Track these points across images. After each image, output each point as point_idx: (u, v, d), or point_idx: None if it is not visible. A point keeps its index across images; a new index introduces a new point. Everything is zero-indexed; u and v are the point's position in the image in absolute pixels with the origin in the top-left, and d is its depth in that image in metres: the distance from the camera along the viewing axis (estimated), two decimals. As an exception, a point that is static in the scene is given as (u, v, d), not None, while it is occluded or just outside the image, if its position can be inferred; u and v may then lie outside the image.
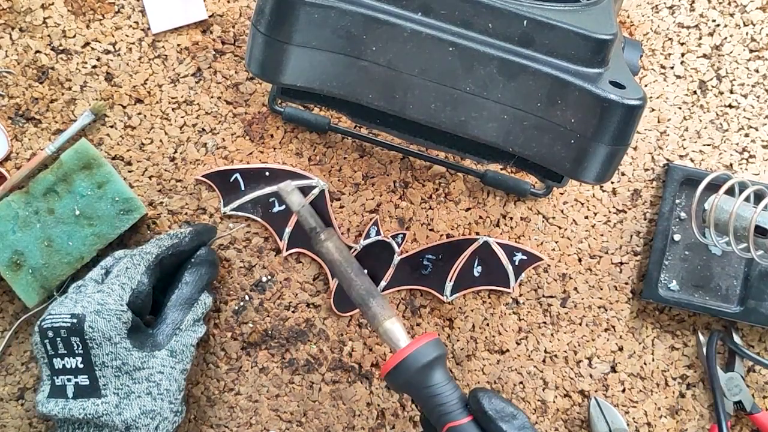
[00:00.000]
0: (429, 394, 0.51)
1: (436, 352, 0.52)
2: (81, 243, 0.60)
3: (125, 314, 0.52)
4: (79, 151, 0.61)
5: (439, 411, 0.50)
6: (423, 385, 0.51)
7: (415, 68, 0.46)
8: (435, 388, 0.51)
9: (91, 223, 0.60)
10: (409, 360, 0.51)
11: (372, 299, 0.56)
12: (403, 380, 0.52)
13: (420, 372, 0.51)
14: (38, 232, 0.60)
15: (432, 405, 0.51)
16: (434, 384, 0.51)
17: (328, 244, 0.59)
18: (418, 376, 0.51)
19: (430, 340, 0.52)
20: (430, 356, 0.51)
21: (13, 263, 0.59)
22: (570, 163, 0.47)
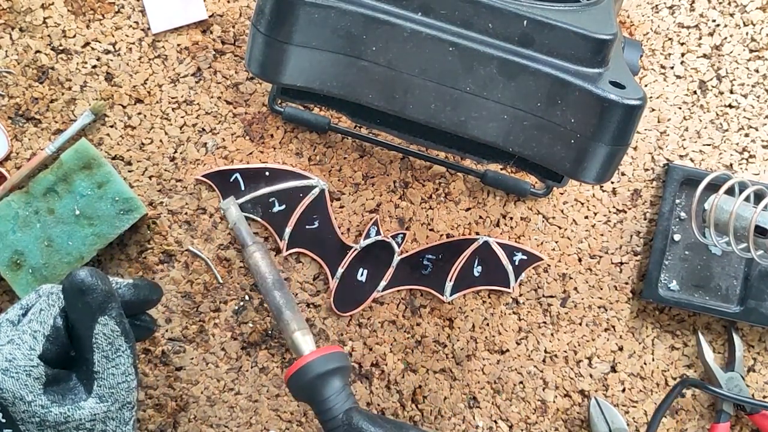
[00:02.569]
0: (321, 406, 0.52)
1: (334, 364, 0.53)
2: (81, 243, 0.60)
3: (36, 369, 0.45)
4: (79, 151, 0.61)
5: (327, 424, 0.52)
6: (317, 395, 0.53)
7: (415, 68, 0.46)
8: (327, 401, 0.52)
9: (91, 222, 0.60)
10: (307, 367, 0.53)
11: (286, 311, 0.58)
12: (299, 387, 0.54)
13: (315, 381, 0.53)
14: (38, 232, 0.60)
15: (323, 416, 0.52)
16: (327, 396, 0.52)
17: (256, 256, 0.60)
18: (313, 386, 0.53)
19: (332, 352, 0.54)
20: (328, 366, 0.53)
21: (13, 263, 0.59)
22: (570, 163, 0.47)
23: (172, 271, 0.64)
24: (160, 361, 0.64)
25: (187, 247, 0.64)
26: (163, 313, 0.64)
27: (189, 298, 0.64)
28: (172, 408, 0.64)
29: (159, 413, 0.64)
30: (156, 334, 0.64)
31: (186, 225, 0.64)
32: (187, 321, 0.64)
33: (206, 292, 0.64)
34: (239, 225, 0.61)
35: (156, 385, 0.64)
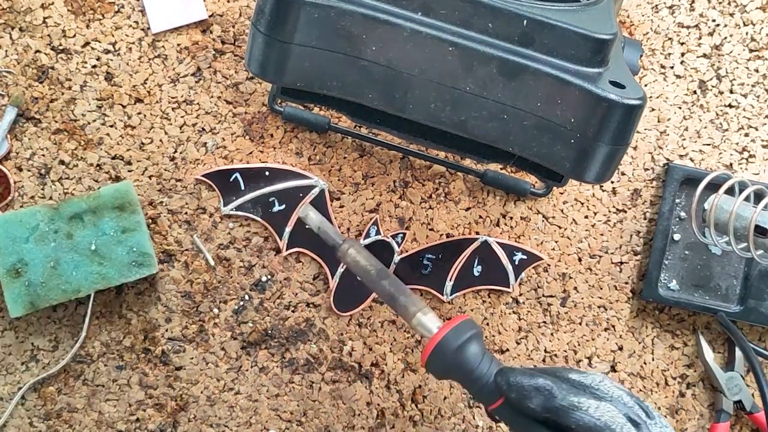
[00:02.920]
0: (468, 377, 0.50)
1: (466, 333, 0.50)
2: (84, 277, 0.60)
3: None
4: (119, 191, 0.61)
5: (479, 393, 0.49)
6: (461, 368, 0.50)
7: (415, 68, 0.46)
8: (471, 371, 0.49)
9: (101, 262, 0.60)
10: (440, 346, 0.50)
11: (400, 296, 0.55)
12: (440, 367, 0.51)
13: (453, 356, 0.50)
14: (49, 251, 0.60)
15: (473, 388, 0.50)
16: (469, 365, 0.49)
17: (351, 252, 0.58)
18: (455, 360, 0.50)
19: (458, 323, 0.51)
20: (460, 339, 0.50)
21: (14, 269, 0.59)
22: (570, 162, 0.47)
23: (172, 271, 0.64)
24: (160, 361, 0.64)
25: (193, 236, 0.64)
26: (163, 313, 0.64)
27: (189, 298, 0.64)
28: (172, 408, 0.64)
29: (159, 413, 0.64)
30: (156, 333, 0.64)
31: (186, 225, 0.64)
32: (187, 321, 0.64)
33: (206, 292, 0.64)
34: (324, 228, 0.59)
35: (156, 385, 0.64)
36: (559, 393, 0.44)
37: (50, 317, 0.63)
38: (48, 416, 0.63)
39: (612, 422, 0.43)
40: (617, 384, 0.47)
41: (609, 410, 0.44)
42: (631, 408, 0.45)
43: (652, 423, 0.45)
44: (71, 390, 0.64)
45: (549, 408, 0.44)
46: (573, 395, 0.44)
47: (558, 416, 0.44)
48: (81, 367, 0.64)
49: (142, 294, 0.64)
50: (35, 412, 0.63)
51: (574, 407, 0.44)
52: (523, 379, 0.46)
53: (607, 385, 0.46)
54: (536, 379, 0.45)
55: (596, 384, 0.46)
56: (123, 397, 0.64)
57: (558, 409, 0.44)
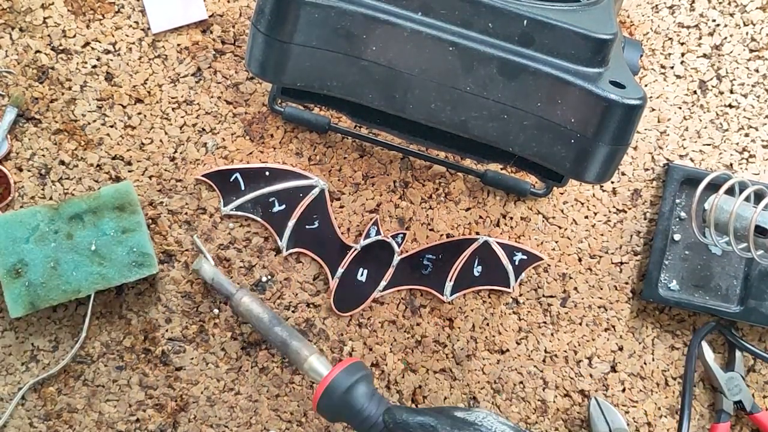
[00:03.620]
0: (357, 418, 0.52)
1: (355, 375, 0.53)
2: (84, 277, 0.60)
3: None
4: (119, 191, 0.61)
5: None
6: (350, 409, 0.53)
7: (415, 68, 0.46)
8: (360, 411, 0.52)
9: (101, 262, 0.60)
10: (329, 389, 0.53)
11: (293, 341, 0.58)
12: (330, 409, 0.54)
13: (342, 397, 0.53)
14: (49, 251, 0.60)
15: (362, 428, 0.52)
16: (357, 406, 0.52)
17: (245, 301, 0.60)
18: (344, 402, 0.53)
19: (347, 365, 0.54)
20: (349, 380, 0.53)
21: (14, 270, 0.59)
22: (570, 162, 0.47)
23: (172, 271, 0.64)
24: (160, 361, 0.64)
25: (193, 237, 0.64)
26: (163, 314, 0.64)
27: (189, 298, 0.64)
28: (172, 408, 0.64)
29: (159, 413, 0.64)
30: (156, 334, 0.64)
31: (186, 225, 0.64)
32: (187, 321, 0.64)
33: (206, 292, 0.64)
34: (217, 278, 0.61)
35: (156, 385, 0.64)
36: (442, 429, 0.47)
37: (50, 317, 0.63)
38: (48, 416, 0.63)
39: None
40: (503, 419, 0.49)
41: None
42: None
43: None
44: (71, 390, 0.64)
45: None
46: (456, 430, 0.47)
47: None
48: (81, 368, 0.64)
49: (142, 294, 0.64)
50: (35, 412, 0.63)
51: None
52: (408, 417, 0.48)
53: (491, 421, 0.48)
54: (421, 417, 0.48)
55: (479, 420, 0.48)
56: (123, 398, 0.64)
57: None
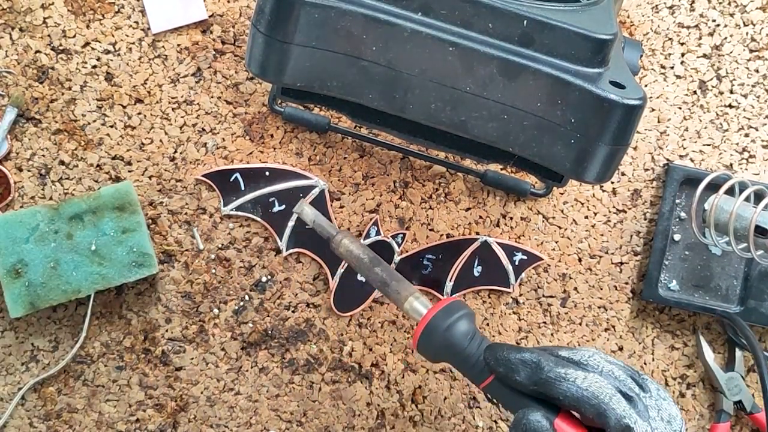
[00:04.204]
0: (458, 357, 0.50)
1: (455, 314, 0.51)
2: (84, 277, 0.60)
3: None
4: (119, 191, 0.61)
5: (470, 372, 0.49)
6: (450, 348, 0.50)
7: (415, 68, 0.46)
8: (461, 350, 0.49)
9: (101, 262, 0.60)
10: (429, 327, 0.50)
11: (392, 282, 0.56)
12: (431, 348, 0.51)
13: (443, 336, 0.50)
14: (49, 252, 0.60)
15: (464, 367, 0.50)
16: (458, 345, 0.50)
17: (345, 242, 0.58)
18: (443, 341, 0.50)
19: (447, 304, 0.51)
20: (449, 319, 0.50)
21: (14, 270, 0.59)
22: (570, 163, 0.47)
23: (172, 271, 0.64)
24: (160, 361, 0.64)
25: (192, 229, 0.64)
26: (163, 314, 0.64)
27: (189, 298, 0.64)
28: (172, 408, 0.64)
29: (159, 413, 0.64)
30: (156, 334, 0.64)
31: (186, 225, 0.64)
32: (187, 321, 0.64)
33: (206, 292, 0.64)
34: (318, 221, 0.59)
35: (156, 385, 0.64)
36: (546, 365, 0.44)
37: (50, 317, 0.63)
38: (48, 417, 0.63)
39: (600, 392, 0.43)
40: (611, 358, 0.46)
41: (597, 381, 0.43)
42: (623, 381, 0.44)
43: (646, 396, 0.44)
44: (71, 390, 0.64)
45: (536, 380, 0.44)
46: (560, 367, 0.44)
47: (545, 388, 0.44)
48: (81, 368, 0.64)
49: (142, 294, 0.64)
50: (35, 412, 0.63)
51: (561, 378, 0.44)
52: (510, 354, 0.46)
53: (597, 359, 0.46)
54: (523, 353, 0.45)
55: (586, 359, 0.46)
56: (123, 398, 0.64)
57: (545, 381, 0.44)
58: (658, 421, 0.44)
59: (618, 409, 0.42)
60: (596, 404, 0.42)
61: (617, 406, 0.42)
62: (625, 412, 0.42)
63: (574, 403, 0.43)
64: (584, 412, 0.43)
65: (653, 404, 0.44)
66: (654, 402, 0.44)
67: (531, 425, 0.44)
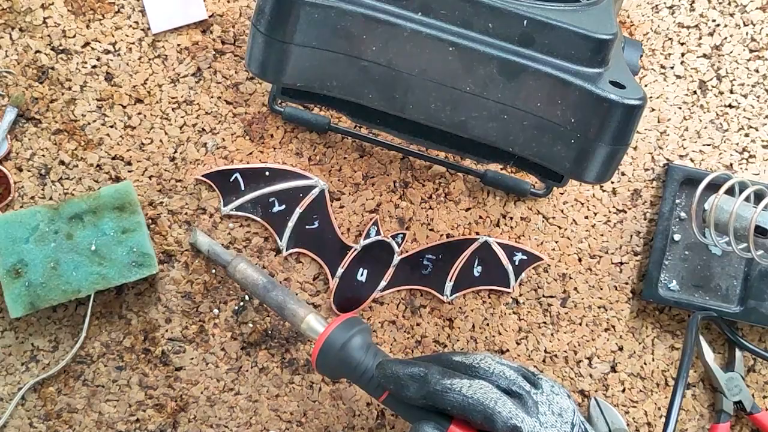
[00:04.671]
0: (354, 373, 0.51)
1: (351, 330, 0.52)
2: (84, 277, 0.60)
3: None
4: (119, 191, 0.61)
5: (367, 388, 0.51)
6: (347, 364, 0.51)
7: (415, 68, 0.46)
8: (357, 365, 0.51)
9: (101, 262, 0.60)
10: (326, 345, 0.52)
11: (289, 304, 0.58)
12: (329, 366, 0.52)
13: (339, 353, 0.51)
14: (49, 252, 0.60)
15: (360, 383, 0.51)
16: (354, 361, 0.51)
17: (241, 267, 0.60)
18: (339, 358, 0.51)
19: (342, 321, 0.53)
20: (345, 335, 0.52)
21: (14, 270, 0.59)
22: (570, 163, 0.47)
23: (172, 271, 0.64)
24: (160, 361, 0.64)
25: (193, 225, 0.64)
26: (163, 314, 0.64)
27: (189, 298, 0.64)
28: (172, 408, 0.64)
29: (159, 413, 0.64)
30: (156, 334, 0.64)
31: (186, 225, 0.64)
32: (187, 321, 0.64)
33: (206, 292, 0.64)
34: (213, 248, 0.61)
35: (156, 385, 0.64)
36: (433, 378, 0.46)
37: (50, 317, 0.63)
38: (48, 417, 0.63)
39: (485, 398, 0.44)
40: (503, 360, 0.47)
41: (482, 387, 0.45)
42: (513, 381, 0.46)
43: (537, 392, 0.46)
44: (71, 390, 0.64)
45: (424, 394, 0.46)
46: (446, 378, 0.45)
47: (434, 400, 0.45)
48: (81, 368, 0.64)
49: (142, 294, 0.64)
50: (35, 412, 0.63)
51: (447, 390, 0.45)
52: (398, 369, 0.47)
53: (489, 362, 0.47)
54: (411, 368, 0.47)
55: (477, 362, 0.47)
56: (123, 398, 0.64)
57: (432, 394, 0.45)
58: (549, 416, 0.45)
59: (504, 411, 0.44)
60: (482, 410, 0.44)
61: (503, 408, 0.44)
62: (511, 413, 0.44)
63: (462, 412, 0.44)
64: (473, 419, 0.44)
65: (544, 399, 0.46)
66: (545, 398, 0.46)
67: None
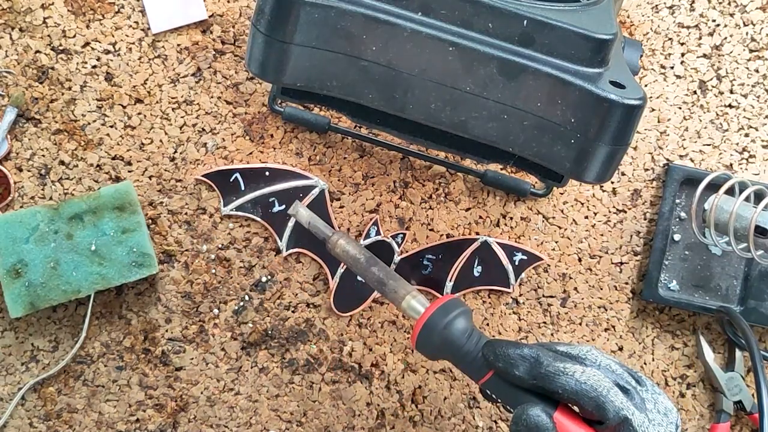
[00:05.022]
0: (457, 354, 0.50)
1: (453, 311, 0.51)
2: (84, 277, 0.60)
3: None
4: (119, 191, 0.61)
5: (469, 369, 0.50)
6: (449, 345, 0.50)
7: (415, 68, 0.46)
8: (459, 347, 0.50)
9: (101, 262, 0.60)
10: (427, 326, 0.51)
11: (389, 281, 0.56)
12: (430, 347, 0.51)
13: (441, 334, 0.50)
14: (49, 252, 0.60)
15: (462, 364, 0.50)
16: (457, 342, 0.50)
17: (341, 243, 0.59)
18: (441, 339, 0.50)
19: (445, 302, 0.51)
20: (447, 317, 0.50)
21: (14, 270, 0.59)
22: (570, 163, 0.47)
23: (172, 271, 0.64)
24: (160, 361, 0.64)
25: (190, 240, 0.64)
26: (163, 314, 0.64)
27: (189, 298, 0.64)
28: (172, 408, 0.64)
29: (159, 413, 0.64)
30: (156, 334, 0.64)
31: (186, 225, 0.64)
32: (187, 321, 0.64)
33: (206, 292, 0.64)
34: (314, 222, 0.60)
35: (156, 385, 0.64)
36: (545, 360, 0.45)
37: (50, 317, 0.63)
38: (48, 417, 0.63)
39: (598, 386, 0.43)
40: (606, 354, 0.47)
41: (595, 374, 0.44)
42: (620, 375, 0.45)
43: (642, 389, 0.45)
44: (71, 390, 0.64)
45: (535, 375, 0.45)
46: (559, 362, 0.45)
47: (544, 382, 0.45)
48: (81, 368, 0.64)
49: (142, 294, 0.64)
50: (35, 412, 0.63)
51: (560, 372, 0.44)
52: (509, 349, 0.46)
53: (595, 354, 0.46)
54: (522, 349, 0.46)
55: (584, 354, 0.46)
56: (123, 398, 0.64)
57: (544, 376, 0.44)
58: (656, 414, 0.44)
59: (616, 401, 0.43)
60: (595, 397, 0.43)
61: (615, 398, 0.43)
62: (622, 405, 0.43)
63: (573, 396, 0.44)
64: (583, 405, 0.44)
65: (650, 397, 0.45)
66: (650, 395, 0.45)
67: (531, 420, 0.44)
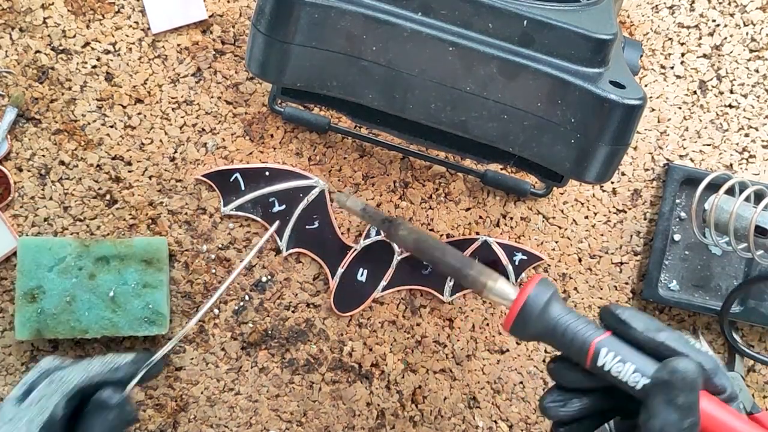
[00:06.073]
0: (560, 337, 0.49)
1: (548, 293, 0.49)
2: (95, 320, 0.60)
3: None
4: (152, 245, 0.61)
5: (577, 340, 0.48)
6: (551, 329, 0.49)
7: (415, 68, 0.46)
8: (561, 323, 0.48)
9: (115, 310, 0.60)
10: (525, 311, 0.49)
11: (466, 269, 0.53)
12: (528, 331, 0.50)
13: (540, 317, 0.49)
14: (69, 286, 0.60)
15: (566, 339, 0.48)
16: (558, 319, 0.48)
17: (401, 232, 0.55)
18: (541, 323, 0.49)
19: (537, 284, 0.50)
20: (544, 298, 0.49)
21: (30, 293, 0.60)
22: (570, 163, 0.47)
23: (172, 271, 0.64)
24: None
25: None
26: (163, 313, 0.64)
27: (189, 298, 0.64)
28: (172, 408, 0.64)
29: (159, 413, 0.64)
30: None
31: (186, 225, 0.64)
32: (188, 321, 0.64)
33: (206, 292, 0.64)
34: (369, 208, 0.57)
35: (156, 385, 0.64)
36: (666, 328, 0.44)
37: (50, 317, 0.63)
38: None
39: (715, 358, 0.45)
40: None
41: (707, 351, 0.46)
42: None
43: None
44: (71, 390, 0.64)
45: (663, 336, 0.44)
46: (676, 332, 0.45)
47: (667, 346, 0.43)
48: (81, 368, 0.64)
49: (142, 294, 0.64)
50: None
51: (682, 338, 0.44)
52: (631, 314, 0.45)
53: None
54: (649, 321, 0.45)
55: None
56: (123, 398, 0.64)
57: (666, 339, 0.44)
58: None
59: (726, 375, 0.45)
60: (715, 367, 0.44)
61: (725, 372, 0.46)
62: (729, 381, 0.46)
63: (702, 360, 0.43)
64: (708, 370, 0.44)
65: None
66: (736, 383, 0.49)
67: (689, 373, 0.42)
